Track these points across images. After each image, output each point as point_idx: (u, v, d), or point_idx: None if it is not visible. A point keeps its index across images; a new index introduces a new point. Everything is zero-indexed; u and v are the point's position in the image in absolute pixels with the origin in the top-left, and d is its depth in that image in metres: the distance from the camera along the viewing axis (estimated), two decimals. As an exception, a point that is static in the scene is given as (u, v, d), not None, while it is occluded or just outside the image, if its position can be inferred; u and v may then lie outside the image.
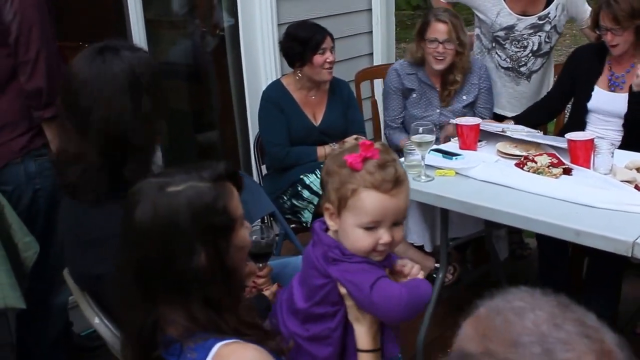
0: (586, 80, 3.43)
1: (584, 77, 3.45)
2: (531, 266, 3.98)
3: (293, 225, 3.38)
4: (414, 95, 3.70)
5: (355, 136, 3.46)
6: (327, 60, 3.44)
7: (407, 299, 1.60)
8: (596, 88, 3.40)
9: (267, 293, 2.14)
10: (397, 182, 1.61)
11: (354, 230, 1.62)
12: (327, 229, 1.73)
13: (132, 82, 1.82)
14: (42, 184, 2.73)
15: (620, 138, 3.31)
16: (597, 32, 3.32)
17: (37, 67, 2.62)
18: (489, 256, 3.81)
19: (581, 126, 3.43)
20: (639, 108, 3.19)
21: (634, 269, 3.54)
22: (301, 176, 3.43)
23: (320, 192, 3.33)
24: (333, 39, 3.50)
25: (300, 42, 3.43)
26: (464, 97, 3.68)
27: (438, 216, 3.31)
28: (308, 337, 1.72)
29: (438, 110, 3.67)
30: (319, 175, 3.38)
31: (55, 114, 2.61)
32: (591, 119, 3.45)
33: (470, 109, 3.70)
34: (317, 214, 3.38)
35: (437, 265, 3.47)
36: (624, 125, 3.30)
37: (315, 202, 3.37)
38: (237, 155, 4.39)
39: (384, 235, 1.62)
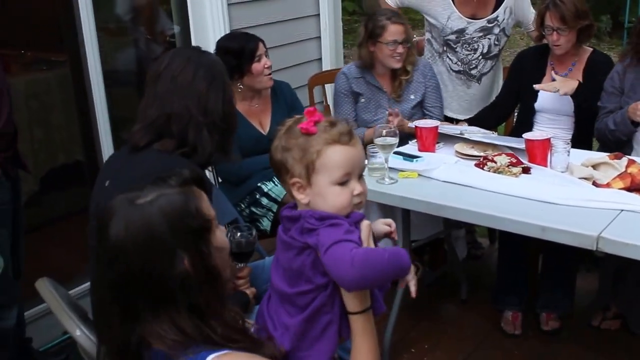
0: (531, 81, 3.52)
1: (529, 79, 3.55)
2: (486, 265, 4.06)
3: (255, 232, 3.35)
4: (362, 100, 3.74)
5: None
6: (266, 66, 3.41)
7: (360, 264, 1.54)
8: None
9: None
10: (351, 133, 1.68)
11: (329, 189, 1.65)
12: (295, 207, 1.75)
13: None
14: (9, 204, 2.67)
15: (569, 136, 3.41)
16: (543, 32, 3.41)
17: None
18: (445, 257, 3.88)
19: (529, 127, 3.53)
20: (584, 107, 3.32)
21: (586, 264, 3.65)
22: (259, 184, 3.42)
23: (280, 199, 3.34)
24: (265, 44, 3.46)
25: (235, 54, 3.37)
26: (412, 97, 3.72)
27: (399, 218, 3.34)
28: (308, 315, 1.70)
29: (388, 112, 3.70)
30: (276, 183, 3.37)
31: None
32: (539, 119, 3.55)
33: (419, 109, 3.74)
34: (276, 221, 3.38)
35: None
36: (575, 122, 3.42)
37: (275, 210, 3.36)
38: (190, 163, 4.33)
39: (356, 186, 1.67)
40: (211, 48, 3.95)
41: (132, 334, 1.43)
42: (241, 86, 3.46)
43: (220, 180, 3.68)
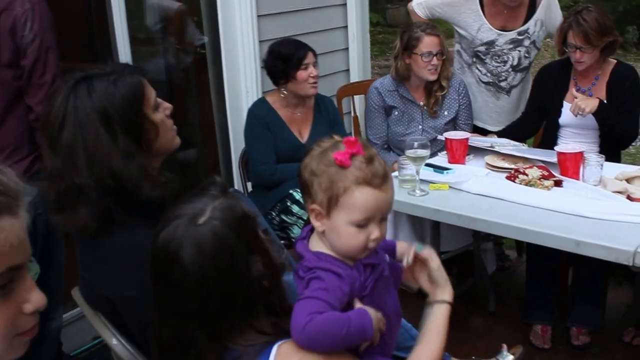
0: (554, 97, 3.52)
1: (552, 94, 3.54)
2: (514, 277, 4.05)
3: (282, 241, 3.38)
4: (396, 112, 3.75)
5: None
6: (311, 75, 3.47)
7: (310, 333, 1.46)
8: (565, 104, 3.48)
9: None
10: (386, 176, 1.60)
11: (346, 228, 1.58)
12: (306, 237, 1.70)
13: (104, 122, 1.75)
14: (43, 208, 2.69)
15: (595, 150, 3.39)
16: (565, 49, 3.40)
17: (46, 92, 2.61)
18: (473, 269, 3.87)
19: (554, 141, 3.51)
20: (606, 124, 3.29)
21: (616, 277, 3.63)
22: (290, 191, 3.44)
23: None
24: (315, 55, 3.53)
25: (283, 59, 3.45)
26: (446, 113, 3.74)
27: (428, 230, 3.34)
28: None
29: (420, 127, 3.72)
30: None
31: None
32: (564, 133, 3.53)
33: (452, 125, 3.76)
34: None
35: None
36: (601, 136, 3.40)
37: (305, 217, 3.37)
38: (219, 172, 4.37)
39: (374, 231, 1.59)
40: (240, 59, 4.01)
41: (220, 355, 1.44)
42: (285, 92, 3.52)
43: (250, 189, 3.71)
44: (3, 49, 2.61)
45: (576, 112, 3.22)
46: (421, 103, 3.73)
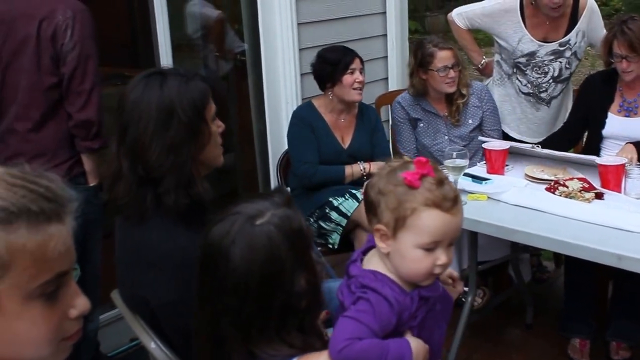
0: (599, 107, 3.48)
1: (597, 104, 3.50)
2: (552, 289, 4.01)
3: (320, 248, 3.39)
4: (421, 125, 3.76)
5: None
6: (357, 80, 3.51)
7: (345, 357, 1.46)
8: (609, 115, 3.45)
9: None
10: (456, 200, 1.54)
11: (412, 251, 1.52)
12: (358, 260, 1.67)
13: (166, 112, 1.84)
14: (80, 212, 2.73)
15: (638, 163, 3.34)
16: (611, 59, 3.36)
17: (91, 98, 2.68)
18: (509, 280, 3.84)
19: (597, 153, 3.47)
20: None
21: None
22: (330, 198, 3.45)
23: (349, 214, 3.36)
24: (362, 62, 3.58)
25: (331, 64, 3.52)
26: (470, 121, 3.72)
27: (465, 240, 3.33)
28: None
29: (446, 137, 3.71)
30: (347, 197, 3.40)
31: (103, 144, 2.70)
32: (607, 144, 3.49)
33: (478, 132, 3.73)
34: (345, 237, 3.40)
35: (466, 289, 3.49)
36: None
37: (344, 224, 3.38)
38: (256, 177, 4.41)
39: (441, 256, 1.53)
40: (280, 66, 4.03)
41: (246, 355, 1.44)
42: (331, 95, 3.57)
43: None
44: (44, 56, 2.67)
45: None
46: (444, 114, 3.72)
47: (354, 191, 3.44)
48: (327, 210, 3.44)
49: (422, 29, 12.15)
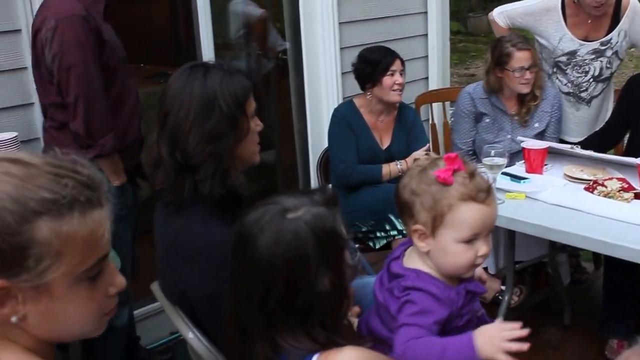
0: (641, 109, 3.45)
1: (639, 106, 3.47)
2: (591, 290, 3.98)
3: (358, 245, 3.42)
4: (487, 119, 3.73)
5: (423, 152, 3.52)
6: (396, 82, 3.52)
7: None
8: None
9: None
10: (489, 189, 1.58)
11: (453, 246, 1.55)
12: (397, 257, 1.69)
13: (207, 101, 1.88)
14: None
15: None
16: None
17: (77, 110, 2.58)
18: (547, 280, 3.83)
19: (638, 154, 3.43)
20: None
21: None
22: (391, 216, 3.41)
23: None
24: (403, 63, 3.58)
25: (371, 64, 3.54)
26: (536, 125, 3.70)
27: (502, 239, 3.33)
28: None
29: (509, 137, 3.69)
30: None
31: (99, 153, 2.63)
32: None
33: (540, 137, 3.70)
34: (389, 243, 3.43)
35: (502, 287, 3.50)
36: None
37: (395, 237, 3.39)
38: (296, 174, 4.46)
39: (482, 247, 1.57)
40: (321, 65, 4.08)
41: (272, 348, 1.46)
42: (370, 96, 3.60)
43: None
44: (42, 68, 2.63)
45: None
46: (512, 113, 3.70)
47: None
48: (387, 227, 3.43)
49: (465, 30, 12.10)
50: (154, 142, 1.96)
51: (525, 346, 1.47)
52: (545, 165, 3.27)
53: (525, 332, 1.49)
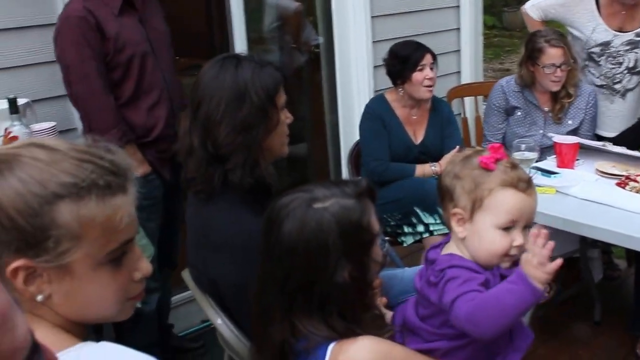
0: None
1: None
2: (622, 287, 3.95)
3: (387, 238, 3.43)
4: (519, 113, 3.71)
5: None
6: (427, 77, 3.48)
7: (476, 320, 1.50)
8: None
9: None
10: (530, 181, 1.61)
11: (490, 231, 1.57)
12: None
13: (239, 93, 1.91)
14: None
15: None
16: None
17: (78, 108, 2.74)
18: (578, 275, 3.80)
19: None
20: None
21: None
22: (417, 210, 3.40)
23: (434, 234, 3.32)
24: (434, 57, 3.54)
25: (401, 60, 3.50)
26: (570, 122, 3.66)
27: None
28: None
29: (541, 132, 3.66)
30: (437, 220, 3.33)
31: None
32: None
33: (574, 135, 3.67)
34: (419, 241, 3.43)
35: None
36: None
37: (425, 236, 3.39)
38: (327, 168, 4.48)
39: (518, 237, 1.57)
40: (353, 59, 4.09)
41: (290, 332, 1.50)
42: (402, 91, 3.57)
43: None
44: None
45: None
46: (546, 109, 3.68)
47: None
48: (414, 220, 3.42)
49: (500, 25, 12.00)
50: (186, 132, 2.00)
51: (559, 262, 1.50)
52: (577, 160, 3.25)
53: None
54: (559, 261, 1.49)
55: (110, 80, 2.73)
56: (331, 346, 1.46)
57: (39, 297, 1.07)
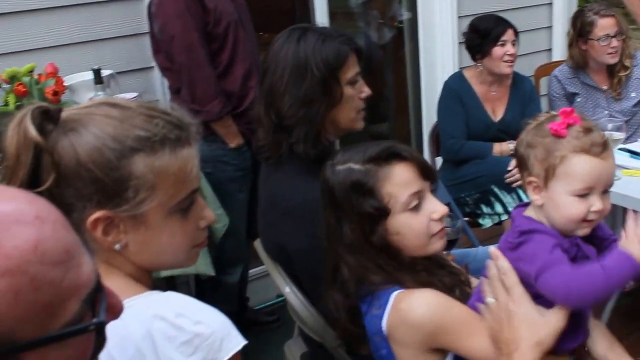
0: None
1: None
2: None
3: (467, 219, 3.36)
4: (579, 99, 3.60)
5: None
6: (507, 53, 3.38)
7: (571, 294, 1.47)
8: None
9: None
10: (606, 144, 1.53)
11: (564, 198, 1.52)
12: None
13: (299, 66, 1.91)
14: (212, 169, 2.87)
15: None
16: None
17: (181, 79, 2.78)
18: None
19: None
20: None
21: None
22: (494, 188, 3.34)
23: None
24: (516, 32, 3.43)
25: (481, 34, 3.41)
26: (633, 95, 3.52)
27: (620, 217, 3.18)
28: None
29: (607, 112, 3.52)
30: (515, 198, 3.27)
31: (206, 119, 2.75)
32: None
33: None
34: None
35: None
36: None
37: (504, 219, 3.31)
38: (410, 145, 4.43)
39: (596, 202, 1.51)
40: (438, 34, 4.01)
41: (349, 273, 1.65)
42: (481, 67, 3.49)
43: (440, 163, 3.71)
44: (152, 38, 2.86)
45: None
46: (604, 87, 3.53)
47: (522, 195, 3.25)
48: (491, 199, 3.35)
49: (595, 1, 11.53)
50: (257, 98, 2.05)
51: None
52: (671, 142, 3.10)
53: None
54: None
55: (209, 50, 2.79)
56: (395, 293, 1.56)
57: (117, 246, 1.16)
